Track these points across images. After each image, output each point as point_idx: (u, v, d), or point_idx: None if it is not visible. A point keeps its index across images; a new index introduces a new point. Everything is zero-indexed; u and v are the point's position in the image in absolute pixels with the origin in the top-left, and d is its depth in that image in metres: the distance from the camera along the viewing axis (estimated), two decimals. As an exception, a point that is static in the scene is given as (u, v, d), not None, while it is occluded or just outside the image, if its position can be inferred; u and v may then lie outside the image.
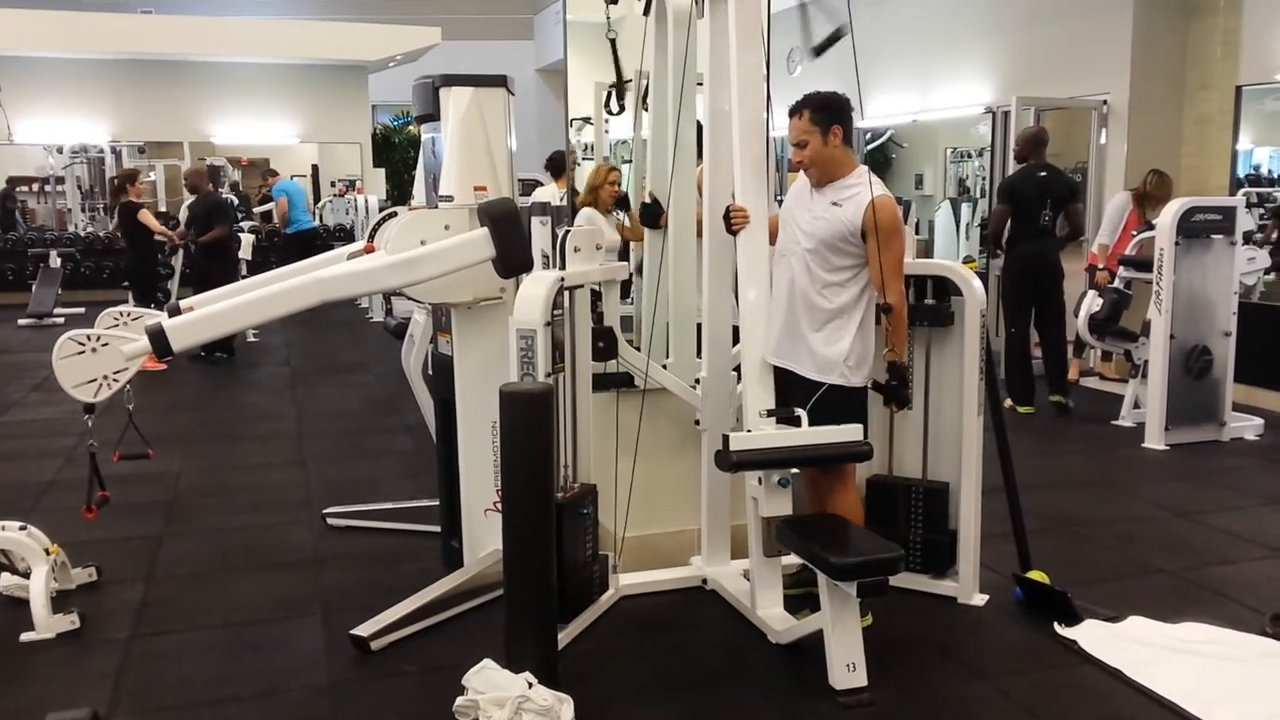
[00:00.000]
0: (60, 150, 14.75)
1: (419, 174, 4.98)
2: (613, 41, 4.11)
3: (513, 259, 3.43)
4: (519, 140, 3.96)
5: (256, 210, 14.61)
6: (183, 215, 10.25)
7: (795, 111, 3.46)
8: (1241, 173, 7.92)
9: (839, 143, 3.43)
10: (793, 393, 3.51)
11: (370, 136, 15.67)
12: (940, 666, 3.35)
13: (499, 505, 3.48)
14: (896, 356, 3.43)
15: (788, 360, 3.51)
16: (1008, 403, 6.80)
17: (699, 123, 3.78)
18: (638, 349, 3.93)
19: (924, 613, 3.70)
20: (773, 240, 3.55)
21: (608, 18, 4.00)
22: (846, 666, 3.07)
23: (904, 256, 3.44)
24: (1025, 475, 3.99)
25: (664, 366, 3.97)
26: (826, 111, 3.42)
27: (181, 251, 10.12)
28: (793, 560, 3.49)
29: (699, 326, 3.87)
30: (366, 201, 12.44)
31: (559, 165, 6.77)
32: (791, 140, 3.48)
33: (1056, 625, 3.55)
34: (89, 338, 3.33)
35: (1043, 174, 6.74)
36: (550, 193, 6.88)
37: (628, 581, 3.86)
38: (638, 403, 3.86)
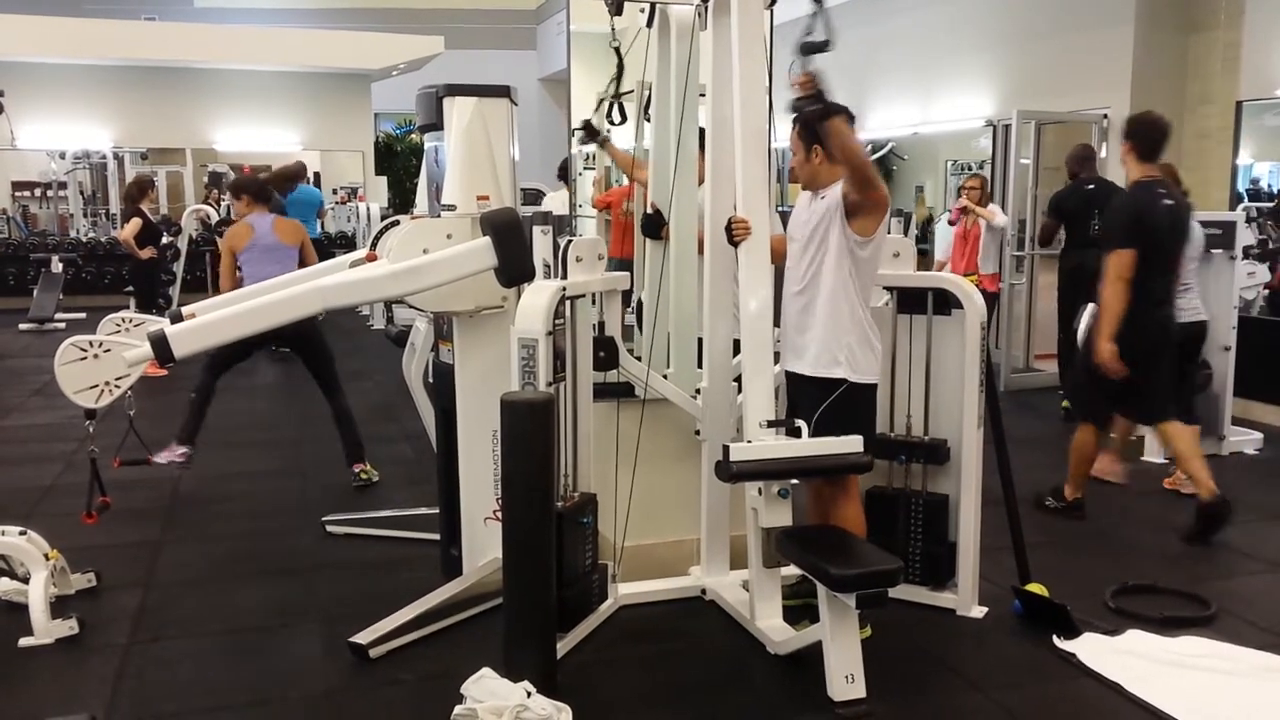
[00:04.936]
0: (63, 156, 14.77)
1: (422, 183, 4.99)
2: (617, 50, 4.12)
3: (515, 268, 3.44)
4: (521, 150, 3.98)
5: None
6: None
7: (793, 123, 3.53)
8: (1240, 187, 7.94)
9: (820, 161, 3.50)
10: (802, 397, 3.52)
11: (373, 144, 15.70)
12: (939, 679, 3.35)
13: (499, 514, 3.48)
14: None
15: (792, 363, 3.57)
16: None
17: (701, 128, 3.80)
18: (638, 359, 3.94)
19: (923, 625, 3.70)
20: (777, 259, 3.57)
21: (613, 29, 4.01)
22: (845, 678, 3.07)
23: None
24: (1025, 488, 4.00)
25: (664, 376, 3.98)
26: (810, 130, 3.47)
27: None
28: (792, 571, 3.49)
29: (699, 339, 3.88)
30: (368, 209, 12.46)
31: (568, 172, 6.82)
32: (789, 146, 3.64)
33: (1055, 638, 3.55)
34: (91, 343, 3.35)
35: (1090, 186, 6.92)
36: (560, 199, 6.91)
37: (627, 591, 3.86)
38: (638, 412, 3.87)
